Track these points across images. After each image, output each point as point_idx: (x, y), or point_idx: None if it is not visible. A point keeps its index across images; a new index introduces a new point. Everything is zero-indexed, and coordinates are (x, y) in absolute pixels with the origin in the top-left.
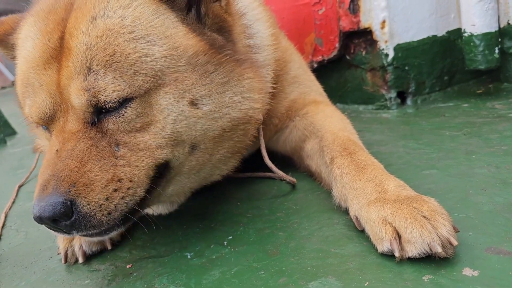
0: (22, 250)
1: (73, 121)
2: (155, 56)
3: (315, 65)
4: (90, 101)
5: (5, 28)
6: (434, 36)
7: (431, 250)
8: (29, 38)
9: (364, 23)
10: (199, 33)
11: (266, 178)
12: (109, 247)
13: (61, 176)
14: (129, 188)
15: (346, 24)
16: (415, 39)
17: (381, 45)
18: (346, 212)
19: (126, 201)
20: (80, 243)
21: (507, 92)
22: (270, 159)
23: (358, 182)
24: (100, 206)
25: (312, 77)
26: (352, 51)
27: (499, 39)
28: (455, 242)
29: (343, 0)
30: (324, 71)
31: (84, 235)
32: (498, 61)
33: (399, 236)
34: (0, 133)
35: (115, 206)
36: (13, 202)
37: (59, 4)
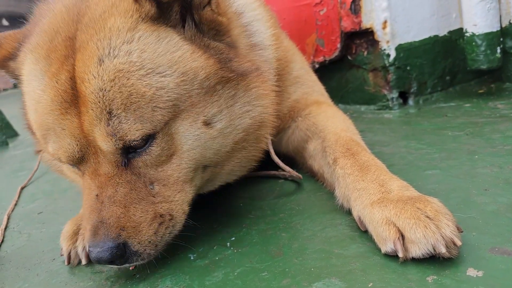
0: (25, 251)
1: (105, 164)
2: (169, 87)
3: (317, 66)
4: (118, 145)
5: (3, 53)
6: (436, 36)
7: (435, 250)
8: (34, 77)
9: (366, 23)
10: (203, 47)
11: (269, 178)
12: None
13: (110, 223)
14: (170, 220)
15: (347, 24)
16: (417, 39)
17: (383, 45)
18: (349, 212)
19: (169, 232)
20: (84, 244)
21: (509, 92)
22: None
23: (361, 182)
24: (150, 242)
25: (314, 78)
26: (353, 51)
27: (501, 39)
28: (459, 243)
29: (344, 1)
30: (325, 72)
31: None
32: (500, 61)
33: (402, 237)
34: (2, 135)
35: (161, 238)
36: (16, 204)
37: (57, 40)
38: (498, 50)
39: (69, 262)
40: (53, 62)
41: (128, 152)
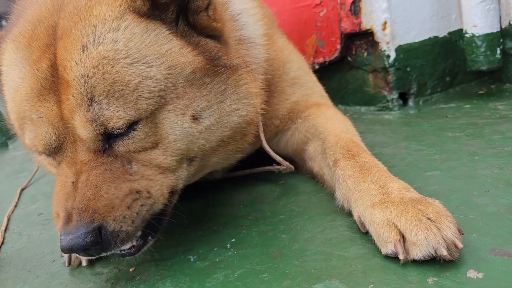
0: (25, 253)
1: (83, 152)
2: (155, 77)
3: (317, 67)
4: (98, 131)
5: None
6: (436, 37)
7: (436, 252)
8: (14, 67)
9: (366, 24)
10: (192, 43)
11: (269, 180)
12: None
13: (81, 208)
14: (148, 198)
15: (347, 25)
16: (417, 40)
17: (383, 46)
18: (349, 214)
19: (146, 209)
20: None
21: (509, 93)
22: (272, 161)
23: (361, 184)
24: (124, 217)
25: (313, 79)
26: (353, 52)
27: (501, 40)
28: (460, 245)
29: (344, 2)
30: (325, 73)
31: (119, 255)
32: (500, 61)
33: (403, 238)
34: (2, 136)
35: (137, 214)
36: (16, 206)
37: (39, 28)
38: (498, 51)
39: (69, 264)
40: (34, 50)
41: (109, 139)
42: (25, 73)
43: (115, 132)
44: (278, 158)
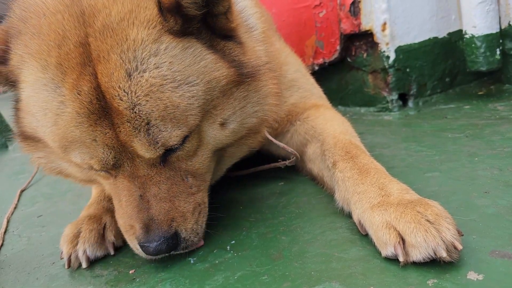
0: (25, 255)
1: (143, 167)
2: (198, 95)
3: (316, 68)
4: (160, 151)
5: None
6: (435, 38)
7: (435, 254)
8: (44, 87)
9: (365, 25)
10: (220, 52)
11: (269, 180)
12: (112, 253)
13: (161, 219)
14: (204, 208)
15: (347, 26)
16: (416, 41)
17: (382, 47)
18: (349, 216)
19: (204, 219)
20: (84, 248)
21: (508, 94)
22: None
23: (360, 186)
24: (193, 230)
25: (311, 80)
26: (353, 53)
27: (500, 40)
28: (459, 246)
29: (343, 3)
30: (325, 74)
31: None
32: (499, 62)
33: (403, 240)
34: (1, 138)
35: (201, 226)
36: (15, 207)
37: (67, 45)
38: (498, 52)
39: (69, 266)
40: (68, 72)
41: (166, 153)
42: (65, 97)
43: (173, 148)
44: (282, 145)
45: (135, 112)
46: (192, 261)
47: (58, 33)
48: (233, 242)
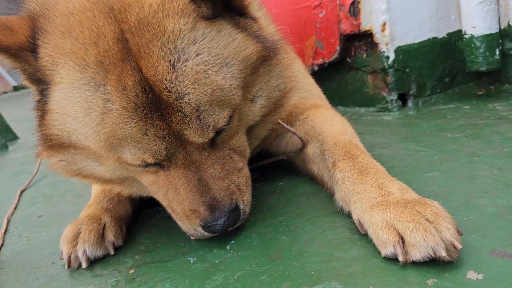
0: (25, 255)
1: (195, 152)
2: (236, 74)
3: (316, 68)
4: (211, 134)
5: (19, 40)
6: (435, 38)
7: (435, 254)
8: (85, 87)
9: (365, 25)
10: (244, 29)
11: (269, 181)
12: (112, 252)
13: (223, 195)
14: (250, 181)
15: (346, 27)
16: (416, 41)
17: (382, 47)
18: (348, 215)
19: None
20: (84, 248)
21: (508, 94)
22: (271, 162)
23: (360, 185)
24: (247, 201)
25: (311, 81)
26: (352, 53)
27: (500, 41)
28: (459, 246)
29: (343, 3)
30: (325, 74)
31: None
32: (499, 62)
33: (402, 240)
34: (1, 138)
35: (251, 199)
36: (15, 208)
37: (104, 42)
38: (497, 52)
39: (69, 266)
40: (110, 69)
41: (214, 135)
42: (110, 94)
43: (221, 130)
44: (292, 130)
45: (185, 101)
46: (191, 261)
47: (92, 30)
48: (233, 242)
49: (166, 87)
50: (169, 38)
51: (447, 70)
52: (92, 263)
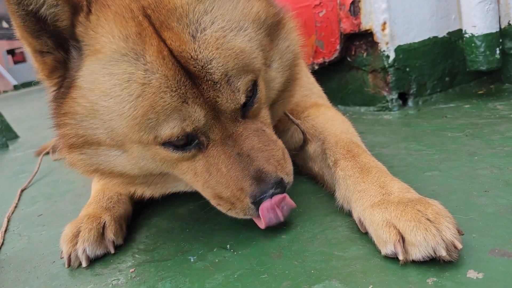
0: (25, 254)
1: (230, 125)
2: (252, 36)
3: (316, 67)
4: (241, 100)
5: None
6: (435, 37)
7: (435, 253)
8: (125, 58)
9: (365, 25)
10: None
11: None
12: (112, 251)
13: (267, 167)
14: (286, 152)
15: (347, 26)
16: (416, 41)
17: (382, 46)
18: (349, 214)
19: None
20: (84, 247)
21: (508, 93)
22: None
23: (361, 184)
24: (290, 170)
25: (312, 80)
26: (353, 53)
27: (500, 40)
28: (459, 246)
29: (343, 2)
30: (325, 73)
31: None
32: (499, 62)
33: (403, 239)
34: (2, 137)
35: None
36: (16, 207)
37: (136, 16)
38: (497, 51)
39: (69, 265)
40: (147, 40)
41: (244, 107)
42: (151, 64)
43: (248, 96)
44: (297, 121)
45: (213, 67)
46: (192, 260)
47: (126, 6)
48: (233, 241)
49: (191, 56)
50: (181, 13)
51: (448, 70)
52: (93, 262)
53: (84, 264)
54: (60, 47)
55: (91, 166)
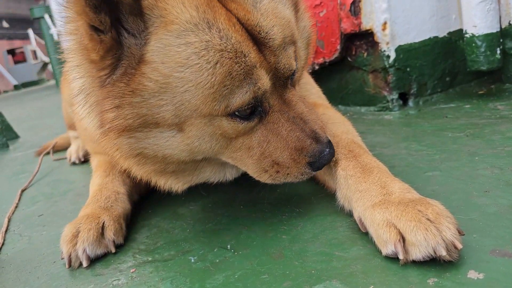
0: (26, 254)
1: (285, 91)
2: (290, 10)
3: (317, 67)
4: (294, 65)
5: None
6: (436, 37)
7: (435, 253)
8: (198, 27)
9: (366, 25)
10: None
11: None
12: (113, 250)
13: (318, 128)
14: None
15: (347, 26)
16: (417, 41)
17: (383, 46)
18: (349, 214)
19: None
20: (84, 247)
21: (509, 93)
22: None
23: (363, 184)
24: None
25: (310, 80)
26: (353, 53)
27: (501, 40)
28: (459, 246)
29: (344, 2)
30: (325, 73)
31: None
32: (499, 62)
33: (403, 239)
34: (2, 137)
35: None
36: (16, 207)
37: None
38: (498, 51)
39: (69, 265)
40: (217, 10)
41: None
42: (225, 30)
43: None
44: None
45: (275, 33)
46: (192, 260)
47: None
48: (234, 241)
49: (257, 24)
50: None
51: (448, 70)
52: (93, 262)
53: (84, 264)
54: (113, 26)
55: (135, 150)
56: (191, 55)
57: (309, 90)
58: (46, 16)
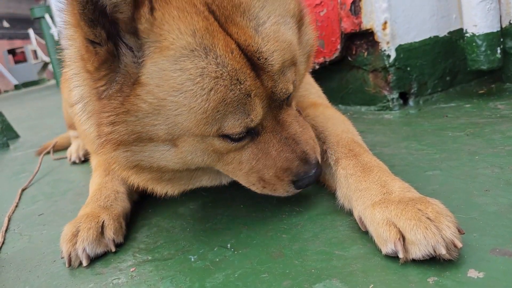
0: (26, 253)
1: (279, 112)
2: (294, 30)
3: (317, 67)
4: (291, 88)
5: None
6: (436, 36)
7: (435, 252)
8: (194, 53)
9: (366, 24)
10: None
11: None
12: (113, 249)
13: (309, 149)
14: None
15: (347, 25)
16: (417, 40)
17: (383, 46)
18: (349, 213)
19: None
20: (83, 246)
21: (509, 92)
22: None
23: (363, 183)
24: (319, 152)
25: (310, 80)
26: (353, 52)
27: (501, 39)
28: (459, 244)
29: (344, 2)
30: (325, 73)
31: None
32: (500, 61)
33: (403, 238)
34: (2, 137)
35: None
36: (16, 206)
37: (202, 11)
38: (498, 51)
39: (69, 264)
40: (215, 35)
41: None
42: (221, 57)
43: (294, 84)
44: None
45: (274, 59)
46: (192, 259)
47: (190, 2)
48: (234, 240)
49: (257, 50)
50: (244, 8)
51: (448, 69)
52: (93, 261)
53: (84, 263)
54: (110, 40)
55: (132, 162)
56: (186, 81)
57: (309, 89)
58: (47, 16)
